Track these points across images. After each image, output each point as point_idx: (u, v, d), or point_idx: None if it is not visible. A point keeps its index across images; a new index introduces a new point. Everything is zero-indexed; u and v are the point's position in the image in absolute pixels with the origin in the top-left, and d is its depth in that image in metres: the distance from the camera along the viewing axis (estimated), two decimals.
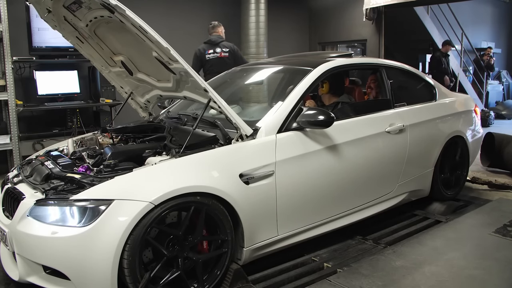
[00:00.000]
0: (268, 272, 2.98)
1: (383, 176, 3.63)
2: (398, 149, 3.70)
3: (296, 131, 3.03)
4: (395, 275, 2.76)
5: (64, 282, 2.35)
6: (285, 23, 9.36)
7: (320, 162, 3.10)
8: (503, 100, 12.56)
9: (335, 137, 3.19)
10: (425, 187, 4.08)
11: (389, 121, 3.66)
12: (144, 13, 4.23)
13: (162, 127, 3.31)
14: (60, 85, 5.96)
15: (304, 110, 3.02)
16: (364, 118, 3.53)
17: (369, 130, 3.49)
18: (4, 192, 2.82)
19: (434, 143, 4.06)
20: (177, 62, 2.70)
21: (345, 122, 3.37)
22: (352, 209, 3.40)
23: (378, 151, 3.54)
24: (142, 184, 2.46)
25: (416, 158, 3.85)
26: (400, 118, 3.74)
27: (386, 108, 3.76)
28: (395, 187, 3.75)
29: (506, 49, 15.07)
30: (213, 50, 5.91)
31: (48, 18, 3.14)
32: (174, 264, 2.50)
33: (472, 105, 4.68)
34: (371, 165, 3.47)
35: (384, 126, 3.60)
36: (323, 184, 3.13)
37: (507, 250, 3.08)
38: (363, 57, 4.64)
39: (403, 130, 3.72)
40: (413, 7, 8.95)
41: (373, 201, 3.57)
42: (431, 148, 4.04)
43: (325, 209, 3.21)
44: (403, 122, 3.74)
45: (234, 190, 2.65)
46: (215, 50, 5.91)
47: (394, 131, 3.65)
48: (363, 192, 3.48)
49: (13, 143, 5.33)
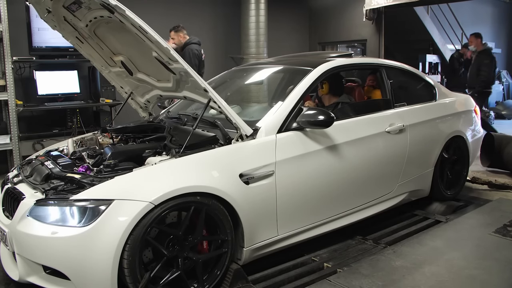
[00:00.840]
0: (268, 272, 2.98)
1: (383, 176, 3.63)
2: (398, 149, 3.70)
3: (296, 131, 3.03)
4: (395, 275, 2.76)
5: (64, 282, 2.35)
6: (285, 23, 9.36)
7: (320, 162, 3.10)
8: (503, 100, 12.56)
9: (335, 137, 3.19)
10: (425, 187, 4.08)
11: (389, 121, 3.66)
12: (144, 13, 4.22)
13: (162, 127, 3.31)
14: (60, 85, 5.96)
15: (304, 110, 3.02)
16: (364, 118, 3.53)
17: (369, 130, 3.49)
18: (4, 192, 2.82)
19: (434, 143, 4.06)
20: (177, 62, 2.70)
21: (345, 122, 3.37)
22: (352, 209, 3.40)
23: (378, 151, 3.54)
24: (142, 184, 2.46)
25: (416, 158, 3.85)
26: (400, 118, 3.74)
27: (386, 108, 3.76)
28: (395, 187, 3.74)
29: (506, 49, 15.07)
30: (203, 51, 5.96)
31: (48, 18, 3.14)
32: (174, 264, 2.50)
33: (472, 105, 4.68)
34: (371, 165, 3.47)
35: (384, 126, 3.60)
36: (323, 184, 3.13)
37: (507, 250, 3.08)
38: (363, 57, 4.64)
39: (403, 130, 3.72)
40: (413, 7, 8.96)
41: (373, 201, 3.57)
42: (431, 148, 4.04)
43: (325, 209, 3.21)
44: (403, 122, 3.73)
45: (234, 190, 2.64)
46: (201, 51, 5.95)
47: (394, 131, 3.65)
48: (363, 192, 3.48)
49: (13, 143, 5.33)
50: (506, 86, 13.44)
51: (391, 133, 3.62)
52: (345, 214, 3.35)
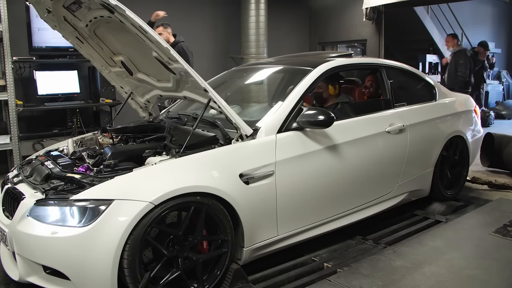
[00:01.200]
0: (268, 272, 2.98)
1: (383, 176, 3.63)
2: (398, 149, 3.70)
3: (296, 131, 3.03)
4: (395, 275, 2.76)
5: (64, 282, 2.35)
6: (285, 23, 9.36)
7: (320, 162, 3.10)
8: (503, 100, 12.56)
9: (335, 137, 3.19)
10: (425, 187, 4.08)
11: (389, 121, 3.66)
12: (144, 13, 4.22)
13: (162, 127, 3.31)
14: (60, 85, 5.96)
15: (304, 110, 3.02)
16: (364, 118, 3.53)
17: (369, 130, 3.49)
18: (4, 192, 2.82)
19: (434, 143, 4.06)
20: (177, 62, 2.71)
21: (345, 122, 3.37)
22: (352, 209, 3.40)
23: (378, 151, 3.54)
24: (142, 184, 2.46)
25: (415, 158, 3.85)
26: (400, 118, 3.74)
27: (386, 108, 3.76)
28: (395, 187, 3.74)
29: (506, 49, 15.06)
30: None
31: (48, 18, 3.14)
32: (174, 264, 2.50)
33: (472, 105, 4.68)
34: (371, 165, 3.47)
35: (384, 126, 3.60)
36: (323, 184, 3.13)
37: (507, 250, 3.08)
38: (363, 57, 4.64)
39: (403, 130, 3.72)
40: (413, 7, 8.95)
41: (373, 201, 3.57)
42: (431, 148, 4.04)
43: (325, 209, 3.21)
44: (403, 122, 3.73)
45: (234, 190, 2.64)
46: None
47: (394, 131, 3.64)
48: (363, 192, 3.48)
49: (13, 143, 5.33)
50: (506, 86, 13.43)
51: (391, 133, 3.62)
52: (345, 214, 3.35)
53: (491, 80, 12.56)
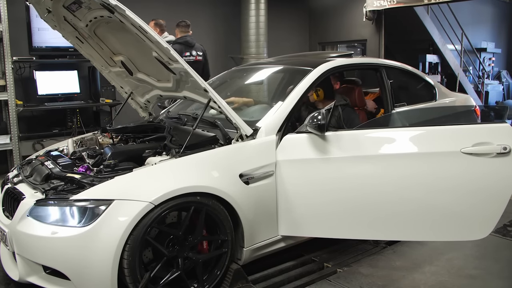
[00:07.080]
0: (268, 272, 2.98)
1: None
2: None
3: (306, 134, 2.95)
4: (395, 275, 2.76)
5: (64, 282, 2.35)
6: (285, 23, 9.36)
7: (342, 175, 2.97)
8: (503, 100, 12.55)
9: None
10: None
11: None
12: (144, 13, 4.23)
13: (162, 127, 3.31)
14: (60, 85, 5.95)
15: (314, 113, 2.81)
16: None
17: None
18: (4, 192, 2.82)
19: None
20: (177, 62, 2.71)
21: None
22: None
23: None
24: (142, 184, 2.46)
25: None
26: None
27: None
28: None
29: (506, 49, 15.06)
30: (190, 53, 5.45)
31: (48, 18, 3.14)
32: (174, 264, 2.50)
33: (472, 105, 4.67)
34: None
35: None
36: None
37: (507, 250, 3.08)
38: (363, 57, 4.63)
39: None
40: (413, 7, 8.94)
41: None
42: None
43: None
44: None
45: (234, 190, 2.64)
46: (191, 52, 5.47)
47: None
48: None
49: (13, 143, 5.33)
50: (506, 86, 13.44)
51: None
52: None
53: (491, 80, 12.56)
